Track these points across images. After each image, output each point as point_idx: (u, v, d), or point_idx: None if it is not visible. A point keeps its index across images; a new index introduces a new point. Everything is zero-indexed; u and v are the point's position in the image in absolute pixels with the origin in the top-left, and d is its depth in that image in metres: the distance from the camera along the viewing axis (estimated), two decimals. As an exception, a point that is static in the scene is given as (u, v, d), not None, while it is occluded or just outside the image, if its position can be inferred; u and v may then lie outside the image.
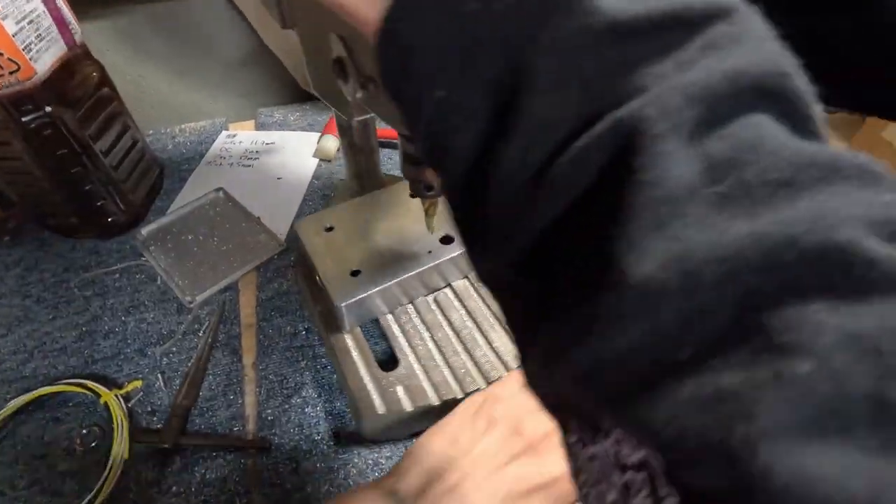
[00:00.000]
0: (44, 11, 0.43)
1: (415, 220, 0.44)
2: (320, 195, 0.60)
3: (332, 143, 0.63)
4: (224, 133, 0.69)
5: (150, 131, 0.68)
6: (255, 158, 0.65)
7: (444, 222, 0.42)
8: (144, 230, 0.53)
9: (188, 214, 0.56)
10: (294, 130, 0.68)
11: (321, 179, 0.61)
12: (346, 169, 0.51)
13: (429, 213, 0.38)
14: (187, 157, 0.65)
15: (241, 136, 0.68)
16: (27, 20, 0.41)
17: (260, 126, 0.70)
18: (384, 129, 0.57)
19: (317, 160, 0.64)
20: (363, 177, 0.50)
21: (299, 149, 0.65)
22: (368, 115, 0.37)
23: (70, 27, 0.46)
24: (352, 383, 0.39)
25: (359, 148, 0.47)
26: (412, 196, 0.36)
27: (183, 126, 0.70)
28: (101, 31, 0.61)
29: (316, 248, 0.43)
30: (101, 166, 0.50)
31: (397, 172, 0.47)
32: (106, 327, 0.47)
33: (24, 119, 0.43)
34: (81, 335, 0.46)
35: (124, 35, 0.63)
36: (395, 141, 0.61)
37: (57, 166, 0.48)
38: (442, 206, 0.38)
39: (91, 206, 0.52)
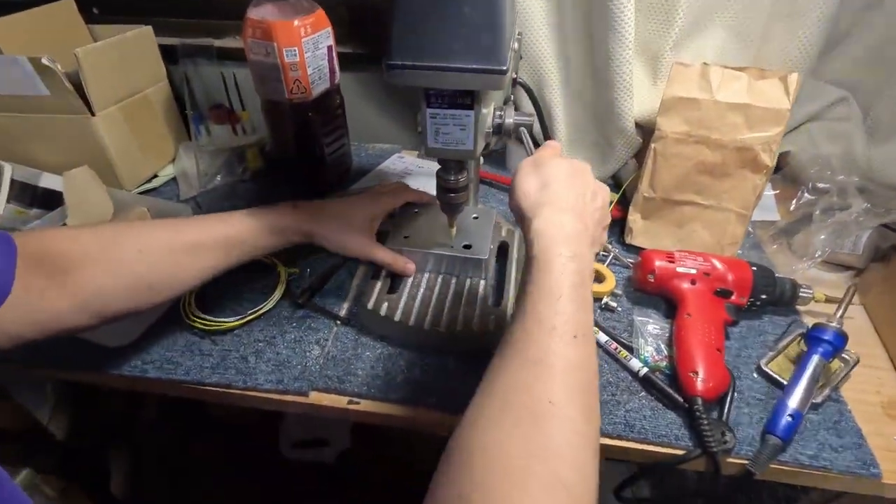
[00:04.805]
0: (325, 67, 0.81)
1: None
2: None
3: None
4: (396, 154, 1.03)
5: (357, 142, 1.06)
6: (409, 174, 0.97)
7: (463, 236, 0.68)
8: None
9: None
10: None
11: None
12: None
13: (451, 225, 0.66)
14: (370, 164, 1.01)
15: (406, 159, 1.02)
16: (317, 69, 0.79)
17: (421, 156, 1.03)
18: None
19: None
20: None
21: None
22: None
23: (335, 75, 0.84)
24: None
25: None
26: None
27: (374, 145, 1.07)
28: (350, 78, 1.01)
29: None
30: (322, 151, 0.87)
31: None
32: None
33: (296, 113, 0.81)
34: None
35: (362, 82, 1.03)
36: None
37: (302, 143, 0.85)
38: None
39: (309, 171, 0.89)
